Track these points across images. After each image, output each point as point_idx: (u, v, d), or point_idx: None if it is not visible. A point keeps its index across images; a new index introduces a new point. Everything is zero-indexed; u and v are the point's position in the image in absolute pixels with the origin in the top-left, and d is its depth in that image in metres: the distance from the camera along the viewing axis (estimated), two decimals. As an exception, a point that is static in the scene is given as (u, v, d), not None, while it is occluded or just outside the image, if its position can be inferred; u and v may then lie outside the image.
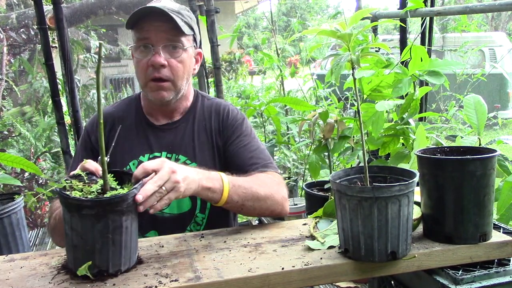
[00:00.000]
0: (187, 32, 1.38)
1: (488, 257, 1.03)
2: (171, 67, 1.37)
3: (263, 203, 1.28)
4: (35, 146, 4.93)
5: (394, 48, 2.67)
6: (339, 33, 0.98)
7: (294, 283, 0.97)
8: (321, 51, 6.61)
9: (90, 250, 0.95)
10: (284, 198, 1.34)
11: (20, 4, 5.97)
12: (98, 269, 0.96)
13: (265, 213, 1.34)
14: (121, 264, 0.98)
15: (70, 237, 0.97)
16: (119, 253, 0.98)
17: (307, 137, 2.30)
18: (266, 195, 1.29)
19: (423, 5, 1.82)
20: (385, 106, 1.45)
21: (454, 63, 1.49)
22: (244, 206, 1.26)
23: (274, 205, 1.31)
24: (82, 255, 0.95)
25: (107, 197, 0.95)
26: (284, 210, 1.35)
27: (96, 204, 0.93)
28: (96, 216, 0.93)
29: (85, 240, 0.95)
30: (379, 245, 0.95)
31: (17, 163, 1.60)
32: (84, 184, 1.03)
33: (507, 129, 7.58)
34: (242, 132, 1.46)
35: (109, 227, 0.95)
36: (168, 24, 1.34)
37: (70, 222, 0.96)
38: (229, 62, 10.52)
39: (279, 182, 1.37)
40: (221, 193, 1.21)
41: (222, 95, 2.64)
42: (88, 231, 0.94)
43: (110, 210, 0.95)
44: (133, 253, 1.02)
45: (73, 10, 5.21)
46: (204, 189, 1.18)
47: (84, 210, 0.93)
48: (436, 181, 1.03)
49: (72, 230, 0.96)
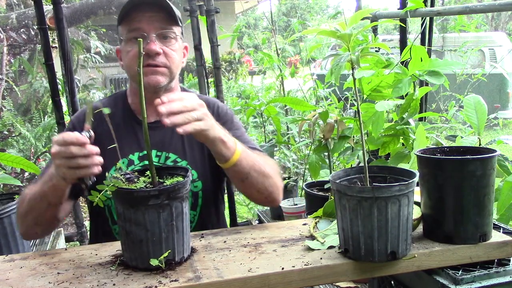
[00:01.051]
0: (178, 22, 1.38)
1: (488, 257, 1.03)
2: (166, 54, 1.36)
3: (265, 180, 1.29)
4: (35, 146, 4.93)
5: (394, 48, 2.67)
6: (339, 33, 0.98)
7: (294, 283, 0.97)
8: (321, 51, 6.60)
9: (157, 240, 0.99)
10: (281, 185, 1.36)
11: (20, 4, 5.97)
12: (165, 259, 1.00)
13: (264, 193, 1.32)
14: (183, 251, 1.04)
15: (134, 233, 0.99)
16: (182, 240, 1.03)
17: (307, 137, 2.30)
18: (270, 173, 1.30)
19: (423, 5, 1.82)
20: (385, 106, 1.45)
21: (454, 63, 1.49)
22: (249, 175, 1.26)
23: (274, 187, 1.32)
24: (149, 248, 0.99)
25: (171, 184, 1.00)
26: (279, 198, 1.36)
27: (162, 193, 0.97)
28: (161, 206, 0.98)
29: (152, 232, 0.98)
30: (379, 245, 0.95)
31: (17, 163, 1.61)
32: (124, 183, 1.05)
33: (507, 129, 7.58)
34: (232, 126, 1.45)
35: (172, 214, 1.00)
36: (160, 14, 1.34)
37: (133, 218, 0.98)
38: (229, 62, 10.52)
39: (278, 170, 1.39)
40: (232, 153, 1.22)
41: (222, 95, 2.64)
42: (154, 221, 0.98)
43: (173, 198, 0.99)
44: (190, 239, 1.08)
45: (73, 10, 5.21)
46: (221, 141, 1.19)
47: (150, 200, 0.97)
48: (436, 181, 1.03)
49: (136, 226, 0.98)
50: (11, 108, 5.18)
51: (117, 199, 1.01)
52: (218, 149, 1.19)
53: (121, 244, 1.05)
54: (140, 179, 1.05)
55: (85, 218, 3.41)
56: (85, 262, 1.06)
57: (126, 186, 1.01)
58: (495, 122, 3.84)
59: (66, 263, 1.06)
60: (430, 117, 2.91)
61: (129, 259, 1.02)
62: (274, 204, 1.39)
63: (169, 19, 1.35)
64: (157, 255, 0.99)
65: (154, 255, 0.99)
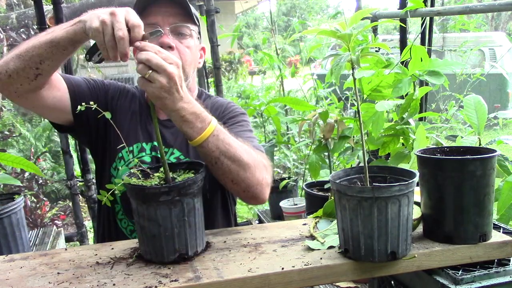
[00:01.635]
0: (195, 20, 1.38)
1: (488, 257, 1.03)
2: (179, 50, 1.35)
3: (241, 170, 1.19)
4: (35, 146, 4.94)
5: (394, 48, 2.66)
6: (339, 33, 0.98)
7: (294, 283, 0.97)
8: (321, 51, 6.60)
9: (170, 236, 1.01)
10: (266, 181, 1.25)
11: (20, 4, 5.97)
12: (178, 253, 1.02)
13: (241, 184, 1.22)
14: (196, 245, 1.05)
15: (147, 228, 1.02)
16: (195, 235, 1.05)
17: (307, 137, 2.30)
18: (249, 164, 1.20)
19: (423, 5, 1.82)
20: (385, 106, 1.45)
21: (454, 63, 1.49)
22: (219, 160, 1.18)
23: (253, 180, 1.21)
24: (162, 242, 1.01)
25: (181, 181, 1.02)
26: (262, 194, 1.25)
27: (172, 189, 0.99)
28: (172, 202, 1.00)
29: (164, 227, 1.01)
30: (379, 245, 0.95)
31: (17, 163, 1.61)
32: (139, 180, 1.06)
33: (507, 129, 7.58)
34: (237, 122, 1.44)
35: (184, 210, 1.02)
36: (176, 9, 1.34)
37: (146, 213, 1.01)
38: (229, 62, 10.52)
39: (267, 165, 1.28)
40: (198, 133, 1.14)
41: (222, 95, 2.64)
42: (166, 217, 1.00)
43: (184, 194, 1.01)
44: (204, 234, 1.09)
45: (73, 10, 5.20)
46: (181, 117, 1.11)
47: (161, 197, 0.99)
48: (436, 181, 1.03)
49: (149, 221, 1.01)
50: (11, 108, 5.18)
51: (131, 195, 1.04)
52: (178, 124, 1.14)
53: (138, 238, 1.09)
54: (155, 175, 1.08)
55: (85, 218, 3.42)
56: (85, 262, 1.06)
57: (139, 183, 1.03)
58: (495, 122, 3.84)
59: (66, 263, 1.06)
60: (430, 117, 2.91)
61: (144, 253, 1.05)
62: (257, 201, 1.27)
63: (185, 15, 1.35)
64: (170, 250, 1.01)
65: (167, 250, 1.01)
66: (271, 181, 1.30)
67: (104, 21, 1.03)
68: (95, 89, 1.43)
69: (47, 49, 1.15)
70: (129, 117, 1.44)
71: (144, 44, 1.04)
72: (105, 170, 1.42)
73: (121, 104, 1.46)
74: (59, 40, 1.14)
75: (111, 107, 1.43)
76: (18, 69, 1.17)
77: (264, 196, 1.27)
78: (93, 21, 1.04)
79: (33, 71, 1.18)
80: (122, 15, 1.03)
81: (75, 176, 2.68)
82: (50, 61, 1.17)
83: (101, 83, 1.47)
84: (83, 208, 3.50)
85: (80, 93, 1.36)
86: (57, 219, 3.57)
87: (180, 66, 1.08)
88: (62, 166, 4.32)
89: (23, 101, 1.26)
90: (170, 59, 1.06)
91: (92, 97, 1.36)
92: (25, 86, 1.20)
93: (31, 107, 1.30)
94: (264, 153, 1.37)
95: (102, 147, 1.43)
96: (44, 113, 1.39)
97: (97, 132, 1.42)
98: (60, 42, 1.14)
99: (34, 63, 1.17)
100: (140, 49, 1.03)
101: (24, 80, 1.19)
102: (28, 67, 1.17)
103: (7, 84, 1.21)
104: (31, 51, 1.16)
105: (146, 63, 1.03)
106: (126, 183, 1.02)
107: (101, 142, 1.43)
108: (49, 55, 1.16)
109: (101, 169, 1.45)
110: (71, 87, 1.35)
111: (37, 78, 1.19)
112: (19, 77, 1.18)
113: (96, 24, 1.03)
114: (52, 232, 2.26)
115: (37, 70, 1.18)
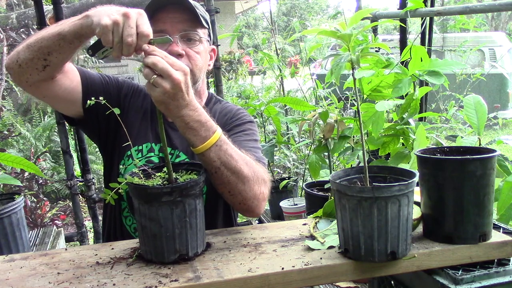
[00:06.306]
0: (204, 24, 1.38)
1: (488, 257, 1.03)
2: (189, 56, 1.35)
3: (240, 183, 1.20)
4: (35, 146, 4.94)
5: (394, 48, 2.67)
6: (339, 33, 0.98)
7: (294, 283, 0.97)
8: (321, 51, 6.60)
9: (171, 236, 1.01)
10: (263, 196, 1.26)
11: (20, 4, 5.97)
12: (179, 254, 1.02)
13: (237, 197, 1.22)
14: (197, 246, 1.06)
15: (148, 228, 1.02)
16: (196, 236, 1.05)
17: (307, 137, 2.30)
18: (249, 178, 1.21)
19: (423, 5, 1.82)
20: (385, 106, 1.45)
21: (454, 63, 1.49)
22: (219, 171, 1.17)
23: (250, 194, 1.22)
24: (163, 242, 1.01)
25: (183, 182, 1.03)
26: (257, 208, 1.26)
27: (175, 190, 1.00)
28: (174, 202, 1.00)
29: (165, 227, 1.01)
30: (379, 245, 0.95)
31: (17, 163, 1.61)
32: (141, 179, 1.07)
33: (507, 129, 7.58)
34: (243, 130, 1.44)
35: (186, 211, 1.02)
36: (185, 15, 1.34)
37: (147, 213, 1.01)
38: (229, 62, 10.51)
39: (266, 179, 1.28)
40: (201, 141, 1.14)
41: (222, 95, 2.64)
42: (168, 218, 1.00)
43: (186, 195, 1.01)
44: (204, 235, 1.10)
45: (73, 10, 5.20)
46: (185, 124, 1.11)
47: (163, 197, 0.99)
48: (436, 181, 1.03)
49: (150, 221, 1.01)
50: (11, 108, 5.19)
51: (133, 194, 1.04)
52: (182, 130, 1.14)
53: (138, 238, 1.09)
54: (157, 175, 1.08)
55: (85, 218, 3.42)
56: (85, 262, 1.06)
57: (142, 182, 1.04)
58: (495, 122, 3.84)
59: (66, 263, 1.06)
60: (430, 117, 2.91)
61: (145, 252, 1.05)
62: (251, 214, 1.29)
63: (193, 21, 1.35)
64: (170, 250, 1.01)
65: (167, 250, 1.01)
66: (268, 194, 1.30)
67: (116, 21, 1.02)
68: (108, 85, 1.44)
69: (54, 42, 1.16)
70: (141, 116, 1.46)
71: (153, 48, 1.04)
72: (114, 166, 1.43)
73: (134, 102, 1.47)
74: (66, 33, 1.14)
75: (123, 104, 1.44)
76: (27, 59, 1.19)
77: (259, 210, 1.28)
78: (102, 18, 1.04)
79: (41, 62, 1.19)
80: (134, 20, 1.03)
81: (75, 176, 2.68)
82: (57, 53, 1.18)
83: (115, 80, 1.48)
84: (83, 208, 3.50)
85: (93, 88, 1.37)
86: (57, 219, 3.57)
87: (187, 73, 1.08)
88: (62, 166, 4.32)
89: (34, 90, 1.28)
90: (176, 65, 1.06)
91: (104, 93, 1.36)
92: (34, 77, 1.22)
93: (42, 96, 1.32)
94: (266, 165, 1.37)
95: (112, 143, 1.44)
96: (55, 104, 1.40)
97: (107, 128, 1.43)
98: (67, 35, 1.14)
99: (42, 54, 1.18)
100: (148, 53, 1.03)
101: (33, 71, 1.21)
102: (36, 58, 1.19)
103: (18, 74, 1.23)
104: (39, 42, 1.17)
105: (152, 67, 1.03)
106: (129, 182, 1.03)
107: (111, 138, 1.44)
108: (57, 47, 1.17)
109: (110, 165, 1.46)
110: (85, 81, 1.36)
111: (45, 69, 1.21)
112: (28, 67, 1.21)
113: (107, 22, 1.03)
114: (52, 232, 2.27)
115: (45, 61, 1.19)
